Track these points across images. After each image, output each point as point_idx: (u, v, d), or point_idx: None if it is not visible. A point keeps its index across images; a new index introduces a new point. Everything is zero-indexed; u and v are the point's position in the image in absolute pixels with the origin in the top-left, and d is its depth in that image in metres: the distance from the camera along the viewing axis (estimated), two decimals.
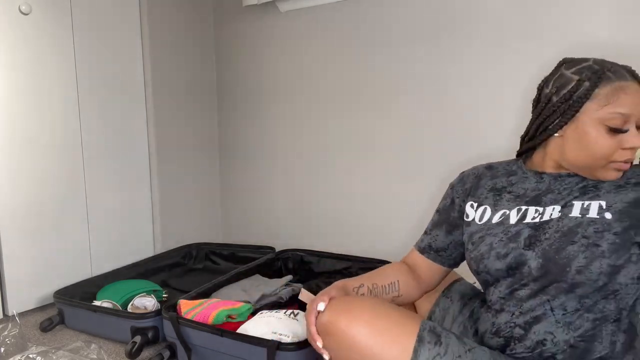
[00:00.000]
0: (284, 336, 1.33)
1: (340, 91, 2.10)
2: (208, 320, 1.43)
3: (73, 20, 1.90)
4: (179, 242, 2.33)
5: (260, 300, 1.66)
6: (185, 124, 2.36)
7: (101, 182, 2.04)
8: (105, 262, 2.05)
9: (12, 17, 1.73)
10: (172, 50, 2.28)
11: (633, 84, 0.88)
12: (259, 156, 2.40)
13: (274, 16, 2.23)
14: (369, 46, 2.00)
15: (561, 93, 0.92)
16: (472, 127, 1.80)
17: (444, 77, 1.84)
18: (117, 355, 1.52)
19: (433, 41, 1.85)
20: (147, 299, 1.72)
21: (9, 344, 1.39)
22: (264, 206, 2.42)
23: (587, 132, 0.89)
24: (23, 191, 1.80)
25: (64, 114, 1.90)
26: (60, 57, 1.87)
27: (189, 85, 2.37)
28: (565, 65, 0.95)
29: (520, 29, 1.67)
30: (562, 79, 0.94)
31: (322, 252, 2.13)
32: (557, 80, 0.94)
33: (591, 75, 0.89)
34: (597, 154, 0.89)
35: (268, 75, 2.30)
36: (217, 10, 2.44)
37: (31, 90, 1.80)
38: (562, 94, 0.92)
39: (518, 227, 0.96)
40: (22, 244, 1.81)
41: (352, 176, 2.12)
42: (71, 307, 1.68)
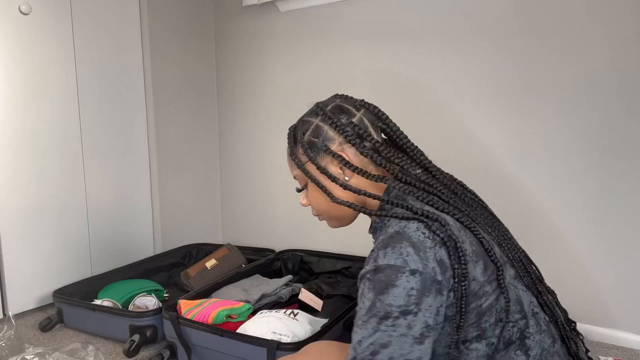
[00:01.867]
0: (283, 336, 1.33)
1: (340, 91, 2.09)
2: (208, 320, 1.43)
3: (73, 20, 1.90)
4: (179, 242, 2.33)
5: (260, 300, 1.66)
6: (185, 124, 2.37)
7: (101, 182, 2.04)
8: (105, 262, 2.05)
9: (12, 17, 1.73)
10: (172, 50, 2.28)
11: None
12: (259, 156, 2.40)
13: (274, 16, 2.23)
14: (369, 46, 2.00)
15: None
16: (474, 128, 1.80)
17: (444, 77, 1.84)
18: (116, 354, 1.52)
19: (434, 41, 1.85)
20: (148, 298, 1.72)
21: (4, 346, 1.38)
22: (264, 206, 2.41)
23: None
24: (23, 191, 1.80)
25: (64, 114, 1.90)
26: (60, 57, 1.87)
27: (189, 85, 2.37)
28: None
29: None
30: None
31: (322, 252, 2.13)
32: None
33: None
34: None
35: (268, 75, 2.30)
36: (217, 10, 2.44)
37: (31, 90, 1.80)
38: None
39: None
40: (22, 244, 1.81)
41: None
42: (70, 306, 1.68)
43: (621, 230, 1.56)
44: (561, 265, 1.66)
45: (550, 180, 1.66)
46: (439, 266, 0.74)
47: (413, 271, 0.72)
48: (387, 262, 0.73)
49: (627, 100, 1.51)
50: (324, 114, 0.88)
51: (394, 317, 0.71)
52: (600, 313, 1.61)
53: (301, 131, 0.90)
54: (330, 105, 0.90)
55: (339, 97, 0.94)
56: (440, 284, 0.73)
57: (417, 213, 0.79)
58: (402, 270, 0.72)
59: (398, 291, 0.71)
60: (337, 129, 0.87)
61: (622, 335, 1.57)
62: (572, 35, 1.58)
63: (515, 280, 0.83)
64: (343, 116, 0.88)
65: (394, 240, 0.75)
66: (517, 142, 1.71)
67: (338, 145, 0.87)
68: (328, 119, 0.88)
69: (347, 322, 1.48)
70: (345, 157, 0.86)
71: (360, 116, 0.89)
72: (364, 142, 0.87)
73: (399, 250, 0.74)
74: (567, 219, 1.64)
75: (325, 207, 0.92)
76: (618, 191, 1.55)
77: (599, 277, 1.60)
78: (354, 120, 0.88)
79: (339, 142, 0.87)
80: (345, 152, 0.87)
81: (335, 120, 0.87)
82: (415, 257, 0.73)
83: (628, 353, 1.52)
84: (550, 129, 1.64)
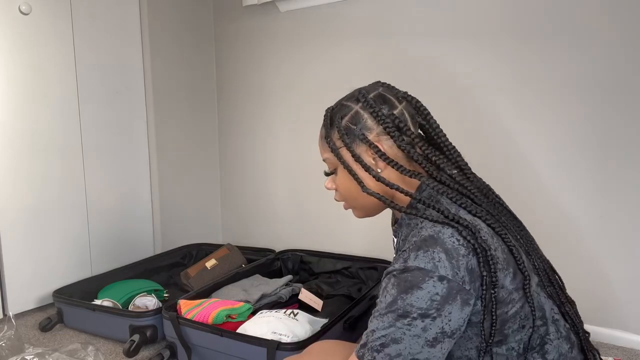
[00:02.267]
0: (283, 336, 1.33)
1: (340, 91, 2.09)
2: (208, 320, 1.43)
3: (73, 20, 1.90)
4: (179, 242, 2.33)
5: (260, 300, 1.66)
6: (185, 124, 2.37)
7: (101, 182, 2.04)
8: (105, 262, 2.05)
9: (12, 17, 1.73)
10: (172, 50, 2.28)
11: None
12: (259, 156, 2.40)
13: (274, 16, 2.23)
14: (369, 46, 2.00)
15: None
16: (472, 129, 1.80)
17: (444, 77, 1.84)
18: (116, 354, 1.52)
19: (434, 41, 1.85)
20: (148, 298, 1.72)
21: (4, 346, 1.38)
22: (264, 206, 2.41)
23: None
24: (23, 191, 1.80)
25: (64, 114, 1.90)
26: (60, 57, 1.87)
27: (189, 85, 2.37)
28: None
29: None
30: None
31: (322, 252, 2.13)
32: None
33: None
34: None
35: (268, 75, 2.30)
36: (217, 10, 2.44)
37: (31, 90, 1.80)
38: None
39: None
40: (22, 244, 1.81)
41: None
42: (70, 306, 1.68)
43: (622, 230, 1.56)
44: (561, 265, 1.66)
45: (557, 178, 1.66)
46: (469, 275, 0.73)
47: (441, 277, 0.72)
48: (417, 264, 0.73)
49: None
50: (365, 102, 0.86)
51: (412, 318, 0.72)
52: (600, 313, 1.61)
53: (339, 115, 0.88)
54: (373, 93, 0.87)
55: (381, 86, 0.90)
56: (468, 293, 0.73)
57: (451, 218, 0.77)
58: (430, 275, 0.72)
59: (422, 294, 0.72)
60: (377, 118, 0.84)
61: (622, 335, 1.57)
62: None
63: (538, 287, 0.83)
64: (385, 107, 0.85)
65: (427, 244, 0.74)
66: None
67: (375, 136, 0.85)
68: (369, 107, 0.85)
69: (347, 322, 1.48)
70: (381, 148, 0.84)
71: (402, 109, 0.87)
72: (402, 135, 0.84)
73: (431, 255, 0.73)
74: (568, 218, 1.64)
75: (353, 195, 0.90)
76: (620, 191, 1.55)
77: (599, 277, 1.60)
78: (395, 112, 0.85)
79: (376, 132, 0.85)
80: (382, 143, 0.84)
81: (377, 109, 0.84)
82: (446, 264, 0.72)
83: (628, 353, 1.52)
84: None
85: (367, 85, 0.91)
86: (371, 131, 0.85)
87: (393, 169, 0.85)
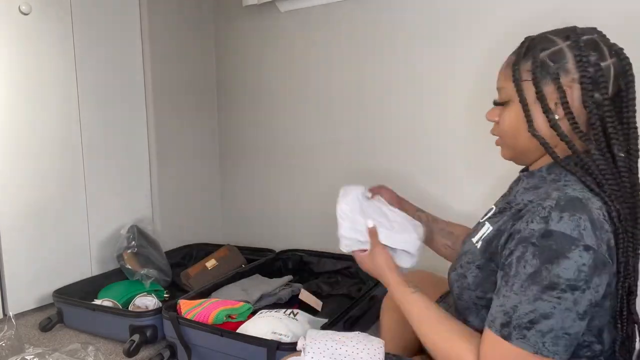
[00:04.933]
0: (283, 336, 1.32)
1: (340, 91, 2.10)
2: (208, 320, 1.43)
3: (73, 20, 1.90)
4: (179, 242, 2.33)
5: (260, 300, 1.66)
6: (185, 124, 2.36)
7: (101, 182, 2.04)
8: (105, 262, 2.05)
9: (12, 17, 1.73)
10: (172, 50, 2.28)
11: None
12: (259, 156, 2.40)
13: (274, 16, 2.23)
14: (370, 46, 2.00)
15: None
16: (474, 128, 1.80)
17: (444, 77, 1.84)
18: (116, 354, 1.52)
19: (434, 40, 1.85)
20: (148, 298, 1.72)
21: (4, 346, 1.38)
22: (264, 206, 2.41)
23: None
24: (23, 191, 1.80)
25: (64, 114, 1.90)
26: (60, 57, 1.87)
27: (189, 85, 2.37)
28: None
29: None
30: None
31: (322, 252, 2.13)
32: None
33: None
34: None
35: (268, 75, 2.30)
36: (217, 10, 2.44)
37: (31, 90, 1.80)
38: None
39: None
40: (22, 244, 1.80)
41: (352, 176, 2.12)
42: (70, 306, 1.68)
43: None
44: None
45: None
46: (608, 251, 0.70)
47: (587, 247, 0.67)
48: (561, 229, 0.68)
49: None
50: (575, 42, 0.77)
51: (561, 290, 0.67)
52: None
53: (540, 47, 0.80)
54: (586, 35, 0.79)
55: (597, 33, 0.80)
56: (611, 267, 0.71)
57: (605, 192, 0.74)
58: (576, 243, 0.67)
59: (569, 264, 0.67)
60: (579, 63, 0.76)
61: None
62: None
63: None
64: (594, 54, 0.77)
65: (574, 207, 0.69)
66: None
67: (569, 81, 0.77)
68: (577, 49, 0.77)
69: (347, 322, 1.48)
70: (569, 96, 0.77)
71: (610, 64, 0.78)
72: (594, 91, 0.76)
73: (577, 221, 0.68)
74: None
75: (516, 132, 0.83)
76: None
77: None
78: (602, 64, 0.77)
79: (572, 78, 0.77)
80: (573, 90, 0.77)
81: (585, 54, 0.76)
82: (591, 234, 0.68)
83: None
84: None
85: (583, 27, 0.82)
86: (567, 74, 0.77)
87: (568, 122, 0.78)
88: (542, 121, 0.80)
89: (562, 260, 0.67)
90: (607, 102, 0.77)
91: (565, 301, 0.67)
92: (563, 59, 0.78)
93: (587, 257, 0.67)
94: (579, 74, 0.77)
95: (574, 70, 0.77)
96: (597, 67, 0.77)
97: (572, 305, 0.67)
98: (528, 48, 0.82)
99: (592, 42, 0.78)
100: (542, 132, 0.80)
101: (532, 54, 0.80)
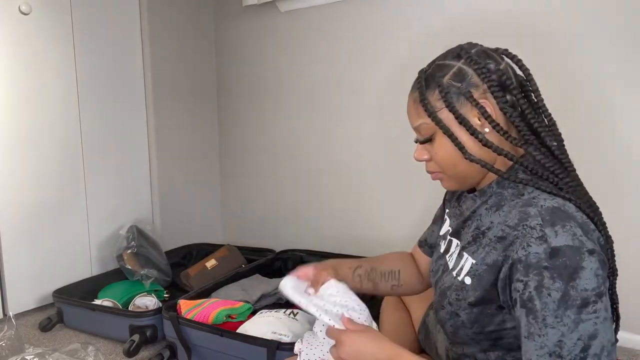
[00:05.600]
0: (283, 336, 1.32)
1: (340, 91, 2.10)
2: (208, 320, 1.43)
3: (73, 20, 1.90)
4: (179, 242, 2.33)
5: (260, 300, 1.66)
6: (185, 124, 2.36)
7: (101, 182, 2.04)
8: (105, 262, 2.05)
9: (12, 17, 1.73)
10: (172, 50, 2.28)
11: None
12: (259, 156, 2.40)
13: (274, 16, 2.23)
14: (370, 46, 2.00)
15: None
16: None
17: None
18: (116, 354, 1.52)
19: (433, 40, 1.85)
20: (148, 298, 1.72)
21: (4, 346, 1.38)
22: (264, 206, 2.41)
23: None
24: (23, 191, 1.80)
25: (64, 114, 1.90)
26: (60, 57, 1.87)
27: (189, 85, 2.37)
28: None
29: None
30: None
31: (322, 252, 2.13)
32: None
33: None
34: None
35: (268, 76, 2.30)
36: (217, 10, 2.44)
37: (31, 90, 1.80)
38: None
39: (439, 262, 0.91)
40: (22, 244, 1.80)
41: (353, 176, 2.12)
42: (70, 306, 1.68)
43: (622, 229, 1.55)
44: None
45: None
46: (601, 248, 0.69)
47: (591, 251, 0.65)
48: (563, 242, 0.65)
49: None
50: (468, 57, 0.77)
51: (593, 302, 0.63)
52: None
53: (439, 74, 0.79)
54: (474, 49, 0.79)
55: (478, 44, 0.81)
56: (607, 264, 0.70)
57: (567, 191, 0.72)
58: (581, 251, 0.65)
59: (588, 273, 0.64)
60: (482, 75, 0.76)
61: (622, 335, 1.57)
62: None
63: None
64: (490, 61, 0.77)
65: (559, 217, 0.67)
66: None
67: (481, 94, 0.76)
68: (474, 63, 0.76)
69: None
70: (488, 108, 0.76)
71: (505, 64, 0.78)
72: (505, 94, 0.76)
73: (570, 230, 0.66)
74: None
75: (453, 162, 0.80)
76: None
77: None
78: (501, 67, 0.77)
79: (482, 90, 0.76)
80: (488, 102, 0.76)
81: (483, 64, 0.76)
82: (586, 238, 0.66)
83: (628, 353, 1.52)
84: None
85: (463, 43, 0.83)
86: (477, 88, 0.76)
87: (497, 134, 0.76)
88: (473, 143, 0.77)
89: (581, 272, 0.64)
90: (520, 99, 0.77)
91: (601, 312, 0.64)
92: (466, 76, 0.77)
93: (595, 261, 0.65)
94: (487, 84, 0.76)
95: (480, 82, 0.76)
96: (498, 72, 0.77)
97: (605, 313, 0.64)
98: (427, 79, 0.81)
99: (482, 52, 0.79)
100: (477, 153, 0.77)
101: (435, 83, 0.79)
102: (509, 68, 0.79)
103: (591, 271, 0.64)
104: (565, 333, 0.63)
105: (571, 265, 0.64)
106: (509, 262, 0.70)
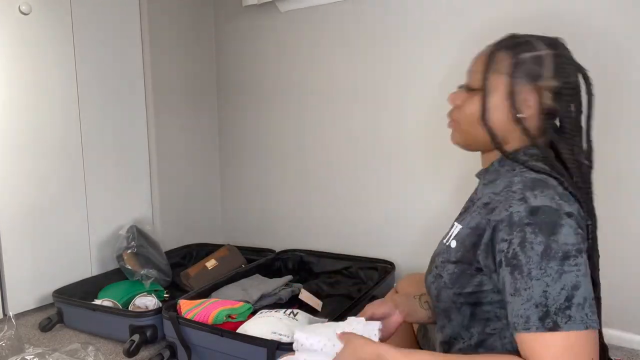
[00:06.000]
0: (283, 336, 1.32)
1: (340, 91, 2.10)
2: (208, 320, 1.43)
3: (73, 20, 1.90)
4: (179, 242, 2.33)
5: (260, 300, 1.66)
6: (185, 124, 2.36)
7: (101, 182, 2.04)
8: (105, 262, 2.05)
9: (12, 17, 1.73)
10: (172, 50, 2.28)
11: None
12: (259, 156, 2.40)
13: (274, 16, 2.23)
14: (370, 46, 2.00)
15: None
16: None
17: (450, 75, 1.84)
18: (116, 354, 1.52)
19: (433, 40, 1.85)
20: (148, 298, 1.72)
21: (4, 346, 1.38)
22: (264, 206, 2.41)
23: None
24: (23, 191, 1.80)
25: (64, 114, 1.90)
26: (60, 57, 1.87)
27: (189, 85, 2.37)
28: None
29: None
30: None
31: (322, 252, 2.13)
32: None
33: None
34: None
35: (268, 75, 2.30)
36: (217, 10, 2.44)
37: (31, 90, 1.80)
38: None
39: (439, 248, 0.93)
40: (22, 244, 1.81)
41: (353, 176, 2.12)
42: (70, 306, 1.68)
43: (619, 230, 1.56)
44: None
45: None
46: (581, 216, 0.72)
47: (569, 214, 0.69)
48: (542, 202, 0.70)
49: None
50: (559, 54, 0.80)
51: (574, 256, 0.67)
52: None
53: (524, 47, 0.81)
54: (567, 50, 0.82)
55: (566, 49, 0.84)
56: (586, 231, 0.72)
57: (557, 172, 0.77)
58: (559, 213, 0.69)
59: (567, 230, 0.68)
60: (561, 73, 0.79)
61: (622, 335, 1.57)
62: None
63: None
64: (572, 68, 0.80)
65: (540, 185, 0.72)
66: None
67: (545, 87, 0.80)
68: (559, 59, 0.80)
69: None
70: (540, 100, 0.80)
71: (580, 78, 0.81)
72: (571, 102, 0.80)
73: (550, 195, 0.71)
74: None
75: (473, 120, 0.84)
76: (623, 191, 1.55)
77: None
78: (577, 79, 0.80)
79: (545, 84, 0.80)
80: (543, 95, 0.80)
81: (566, 66, 0.80)
82: (565, 203, 0.70)
83: (628, 353, 1.52)
84: None
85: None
86: (544, 80, 0.80)
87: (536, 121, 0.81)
88: (501, 115, 0.81)
89: (560, 228, 0.68)
90: (579, 116, 0.81)
91: (582, 266, 0.67)
92: (544, 65, 0.80)
93: (573, 222, 0.69)
94: (560, 83, 0.79)
95: (550, 77, 0.79)
96: (574, 82, 0.80)
97: (585, 268, 0.67)
98: (512, 45, 0.82)
99: (571, 57, 0.82)
100: (496, 126, 0.82)
101: (514, 52, 0.81)
102: (580, 82, 0.82)
103: (570, 228, 0.68)
104: (549, 283, 0.66)
105: (551, 222, 0.68)
106: (491, 225, 0.74)
